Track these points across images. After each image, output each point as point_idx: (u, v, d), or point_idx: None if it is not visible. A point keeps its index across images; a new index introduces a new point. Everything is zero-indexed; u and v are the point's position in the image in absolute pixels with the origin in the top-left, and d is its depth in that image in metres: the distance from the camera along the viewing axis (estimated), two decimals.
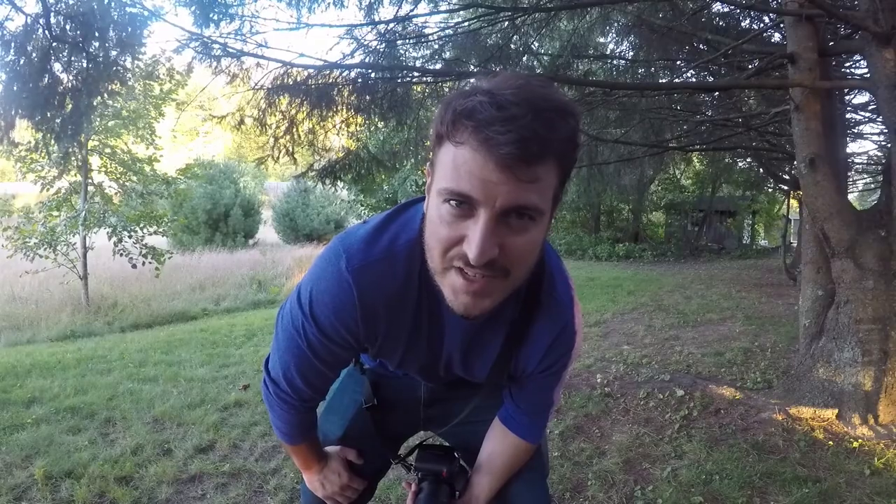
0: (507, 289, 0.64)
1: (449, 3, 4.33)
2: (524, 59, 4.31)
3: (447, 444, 1.08)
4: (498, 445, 0.94)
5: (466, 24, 4.19)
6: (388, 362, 0.88)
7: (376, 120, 4.11)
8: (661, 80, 5.03)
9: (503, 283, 0.62)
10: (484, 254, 0.57)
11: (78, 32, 2.77)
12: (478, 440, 0.98)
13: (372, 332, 0.76)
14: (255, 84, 3.66)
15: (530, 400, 0.91)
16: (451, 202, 0.58)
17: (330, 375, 0.85)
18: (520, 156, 0.54)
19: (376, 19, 3.77)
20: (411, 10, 3.88)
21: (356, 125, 4.31)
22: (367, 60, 3.75)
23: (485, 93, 0.55)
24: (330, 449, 1.02)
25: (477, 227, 0.57)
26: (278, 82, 3.63)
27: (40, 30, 2.71)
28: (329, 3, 3.60)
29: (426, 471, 0.92)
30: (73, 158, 7.54)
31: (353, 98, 3.74)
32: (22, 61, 2.67)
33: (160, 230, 8.59)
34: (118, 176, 8.46)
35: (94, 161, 8.28)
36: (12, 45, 2.66)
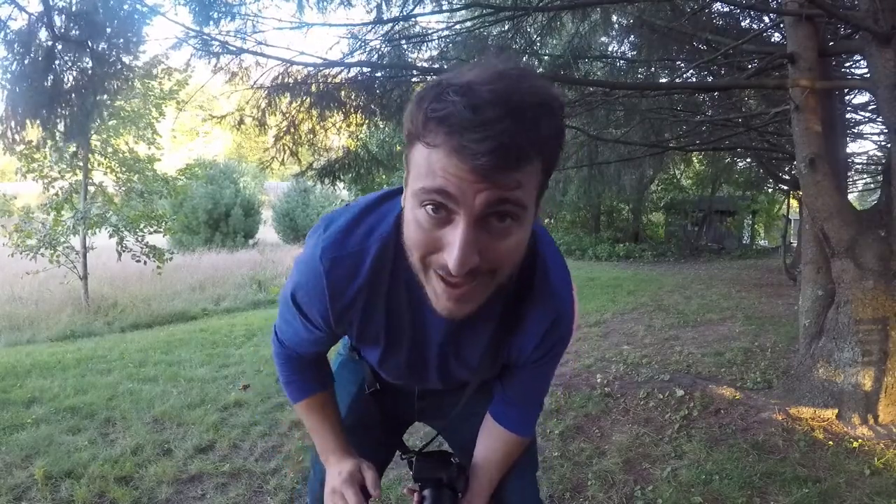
0: (493, 287, 0.63)
1: (450, 3, 4.32)
2: (525, 59, 4.31)
3: (442, 446, 1.08)
4: (491, 442, 0.94)
5: (468, 23, 4.19)
6: (371, 361, 0.88)
7: (377, 119, 4.11)
8: (661, 80, 5.04)
9: (488, 284, 0.61)
10: (464, 265, 0.55)
11: (80, 31, 2.77)
12: (471, 432, 0.98)
13: (346, 321, 0.78)
14: (255, 83, 3.66)
15: (521, 391, 0.90)
16: (428, 207, 0.55)
17: (316, 346, 0.88)
18: (498, 164, 0.51)
19: (382, 18, 3.77)
20: (412, 10, 3.88)
21: (356, 124, 4.31)
22: (368, 59, 3.75)
23: (458, 91, 0.51)
24: (349, 467, 0.92)
25: (455, 235, 0.54)
26: (278, 81, 3.62)
27: (43, 29, 2.71)
28: (338, 4, 3.60)
29: (426, 478, 0.92)
30: (79, 155, 7.56)
31: (353, 97, 3.74)
32: (26, 61, 2.67)
33: (160, 230, 8.59)
34: (119, 176, 8.46)
35: (95, 161, 8.28)
36: (15, 44, 2.66)
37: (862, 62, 4.35)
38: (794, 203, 9.67)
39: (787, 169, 8.19)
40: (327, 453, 0.94)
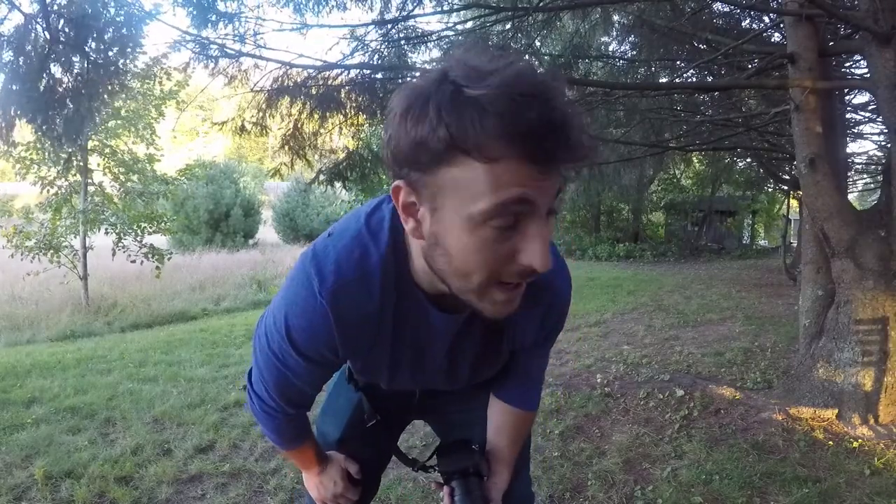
0: None
1: (450, 3, 4.33)
2: (525, 58, 4.31)
3: (454, 436, 1.09)
4: (501, 422, 0.96)
5: (468, 23, 4.19)
6: (380, 380, 0.87)
7: (379, 120, 4.11)
8: (661, 80, 5.04)
9: None
10: (548, 260, 0.54)
11: (75, 34, 2.77)
12: (471, 427, 0.99)
13: (354, 350, 0.75)
14: (255, 86, 3.66)
15: (522, 370, 0.92)
16: (498, 222, 0.52)
17: (311, 392, 0.84)
18: (572, 158, 0.51)
19: (384, 18, 3.77)
20: (412, 10, 3.88)
21: (357, 125, 4.31)
22: (368, 60, 3.75)
23: (496, 93, 0.48)
24: (333, 455, 1.02)
25: (535, 237, 0.53)
26: (278, 83, 3.62)
27: (38, 30, 2.71)
28: (333, 6, 3.59)
29: (454, 470, 0.91)
30: (73, 159, 7.55)
31: (354, 98, 3.74)
32: (21, 62, 2.67)
33: (160, 229, 8.60)
34: (118, 176, 8.46)
35: (94, 161, 8.28)
36: (10, 45, 2.66)
37: (862, 62, 4.35)
38: (794, 203, 9.67)
39: (787, 169, 8.19)
40: (311, 467, 0.99)
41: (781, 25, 3.59)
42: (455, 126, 0.49)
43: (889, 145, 2.97)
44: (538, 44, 4.56)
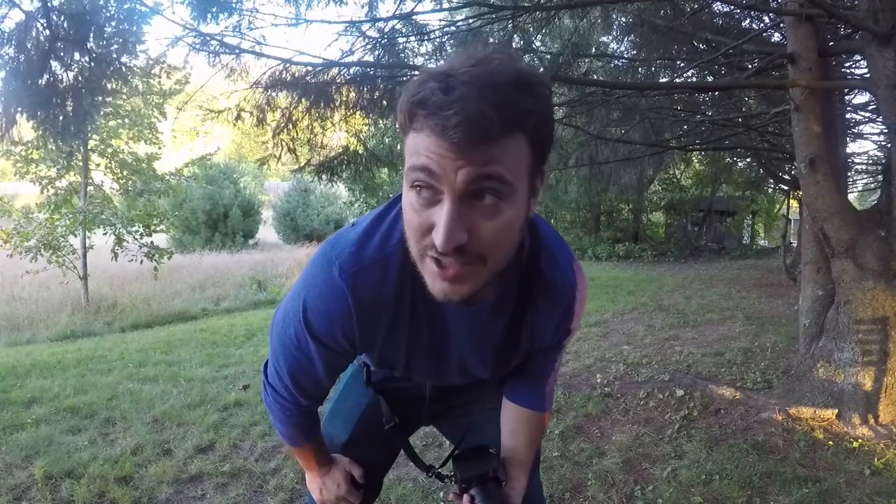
0: (487, 273, 0.62)
1: (450, 2, 4.32)
2: (525, 57, 4.31)
3: (466, 438, 1.09)
4: (515, 425, 0.96)
5: (468, 22, 4.19)
6: (394, 369, 0.87)
7: (375, 118, 4.10)
8: (661, 80, 5.04)
9: (480, 268, 0.60)
10: (449, 241, 0.55)
11: (76, 30, 2.76)
12: (482, 429, 0.99)
13: (370, 337, 0.76)
14: (255, 82, 3.65)
15: (534, 370, 0.92)
16: (416, 187, 0.57)
17: (325, 383, 0.85)
18: (469, 139, 0.52)
19: (377, 16, 3.77)
20: (413, 8, 3.88)
21: (355, 123, 4.31)
22: (367, 58, 3.74)
23: (437, 76, 0.54)
24: (338, 457, 1.02)
25: (442, 213, 0.55)
26: (276, 77, 3.61)
27: (38, 27, 2.71)
28: (328, 2, 3.58)
29: (472, 477, 0.90)
30: (75, 156, 7.54)
31: (351, 96, 3.74)
32: (21, 59, 2.67)
33: (158, 229, 8.60)
34: (119, 176, 8.45)
35: (95, 161, 8.27)
36: (11, 42, 2.66)
37: (862, 62, 4.34)
38: (794, 203, 9.66)
39: (787, 169, 8.18)
40: (315, 467, 0.99)
41: (781, 25, 3.59)
42: (399, 107, 0.58)
43: (889, 145, 2.97)
44: (538, 43, 4.56)
